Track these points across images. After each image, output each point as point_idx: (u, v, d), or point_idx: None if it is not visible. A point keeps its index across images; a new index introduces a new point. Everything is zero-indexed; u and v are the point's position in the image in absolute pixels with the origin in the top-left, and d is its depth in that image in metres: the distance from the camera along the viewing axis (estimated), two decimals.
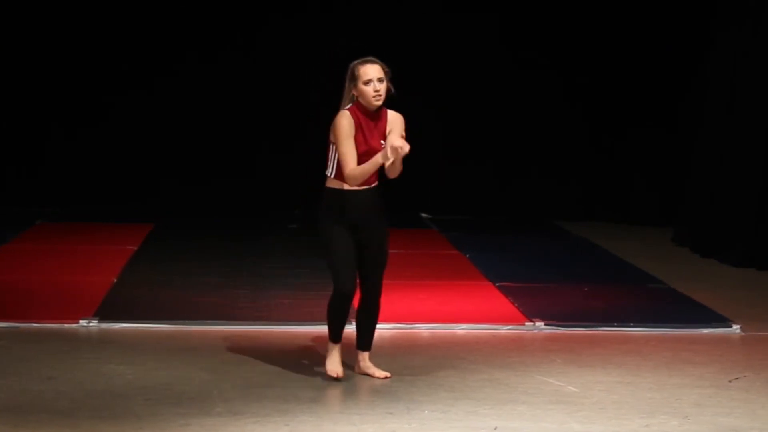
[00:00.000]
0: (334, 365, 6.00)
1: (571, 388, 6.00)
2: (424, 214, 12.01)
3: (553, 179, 12.12)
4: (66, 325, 7.05)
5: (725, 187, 10.02)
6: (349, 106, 5.94)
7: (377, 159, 5.80)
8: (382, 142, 5.93)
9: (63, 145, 12.12)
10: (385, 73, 5.94)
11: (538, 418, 5.46)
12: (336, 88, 12.73)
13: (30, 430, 5.17)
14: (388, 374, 6.05)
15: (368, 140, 5.92)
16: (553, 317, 7.45)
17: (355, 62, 5.98)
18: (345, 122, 5.88)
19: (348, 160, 5.84)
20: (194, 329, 7.10)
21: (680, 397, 5.87)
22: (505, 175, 12.19)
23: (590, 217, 11.92)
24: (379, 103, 5.91)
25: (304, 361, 6.42)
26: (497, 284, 8.44)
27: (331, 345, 6.05)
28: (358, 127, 5.90)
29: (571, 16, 12.06)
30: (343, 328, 6.05)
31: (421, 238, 10.66)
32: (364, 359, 6.12)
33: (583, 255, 10.12)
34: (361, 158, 5.88)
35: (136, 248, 9.65)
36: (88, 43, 12.03)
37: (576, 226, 11.54)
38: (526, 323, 7.35)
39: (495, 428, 5.29)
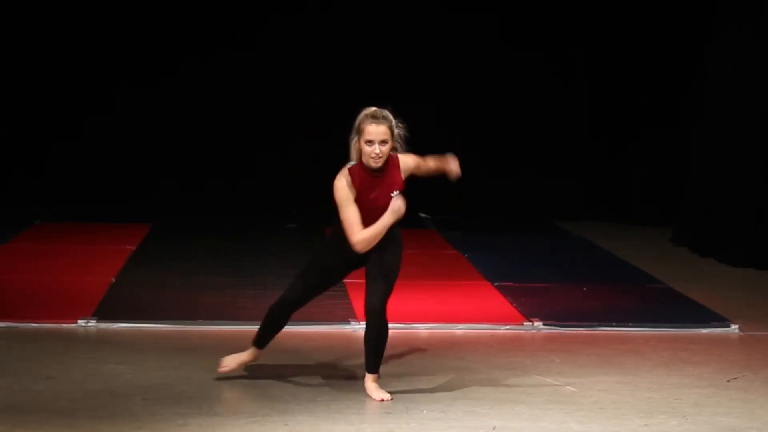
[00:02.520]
0: (228, 359, 5.90)
1: (569, 387, 6.01)
2: (422, 214, 12.01)
3: (552, 179, 12.13)
4: (64, 325, 7.05)
5: (724, 187, 10.02)
6: (351, 164, 5.67)
7: (385, 221, 5.55)
8: (394, 193, 5.64)
9: (62, 146, 12.12)
10: (392, 134, 5.63)
11: (536, 418, 5.46)
12: (335, 88, 12.76)
13: (29, 429, 5.17)
14: (384, 397, 5.66)
15: (376, 198, 5.66)
16: (551, 317, 7.45)
17: (365, 113, 5.66)
18: (342, 185, 5.61)
19: (352, 227, 5.57)
20: (193, 329, 7.10)
21: (679, 397, 5.87)
22: (505, 175, 12.19)
23: (590, 217, 11.93)
24: (377, 165, 5.62)
25: (302, 361, 6.43)
26: (496, 284, 8.44)
27: (251, 348, 5.92)
28: (362, 187, 5.65)
29: (572, 16, 12.07)
30: (271, 335, 5.88)
31: (420, 237, 10.66)
32: (366, 380, 5.73)
33: (582, 255, 10.12)
34: (372, 212, 5.61)
35: (134, 248, 9.65)
36: (88, 44, 12.04)
37: (575, 226, 11.55)
38: (525, 323, 7.35)
39: (494, 428, 5.29)
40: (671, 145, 11.77)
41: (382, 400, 5.65)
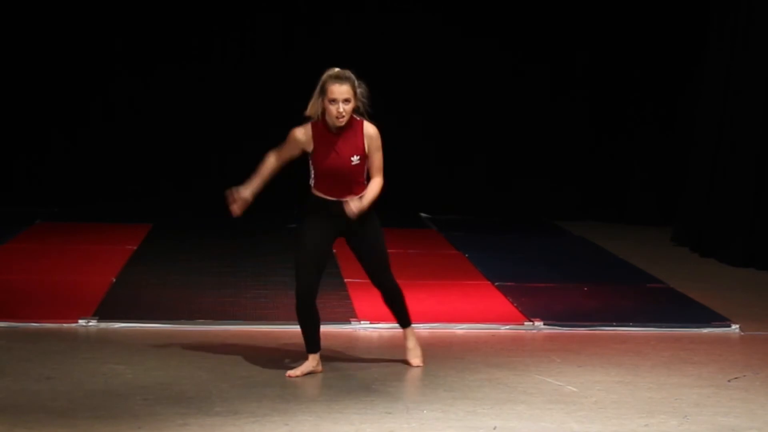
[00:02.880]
0: (292, 372, 6.03)
1: (570, 387, 6.00)
2: (423, 214, 11.99)
3: (551, 179, 12.10)
4: (65, 325, 7.04)
5: (723, 186, 9.99)
6: (314, 120, 5.94)
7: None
8: (354, 157, 5.88)
9: (61, 145, 12.10)
10: (355, 93, 5.86)
11: (537, 418, 5.46)
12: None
13: (27, 429, 5.16)
14: (420, 363, 6.25)
15: (338, 155, 5.91)
16: (552, 317, 7.45)
17: (328, 74, 5.89)
18: (298, 132, 5.98)
19: (273, 152, 6.12)
20: (193, 329, 7.09)
21: (679, 397, 5.86)
22: (504, 176, 12.17)
23: (589, 217, 11.91)
24: (341, 124, 5.87)
25: (303, 361, 6.41)
26: (496, 284, 8.43)
27: (309, 357, 6.09)
28: (320, 143, 5.91)
29: (568, 18, 12.06)
30: (312, 333, 6.03)
31: (420, 237, 10.65)
32: (406, 337, 6.31)
33: (582, 254, 10.10)
34: (331, 174, 5.92)
35: (135, 248, 9.64)
36: (86, 43, 12.02)
37: (575, 226, 11.54)
38: (525, 323, 7.35)
39: (494, 428, 5.29)
40: (669, 144, 11.76)
41: (418, 365, 6.22)
